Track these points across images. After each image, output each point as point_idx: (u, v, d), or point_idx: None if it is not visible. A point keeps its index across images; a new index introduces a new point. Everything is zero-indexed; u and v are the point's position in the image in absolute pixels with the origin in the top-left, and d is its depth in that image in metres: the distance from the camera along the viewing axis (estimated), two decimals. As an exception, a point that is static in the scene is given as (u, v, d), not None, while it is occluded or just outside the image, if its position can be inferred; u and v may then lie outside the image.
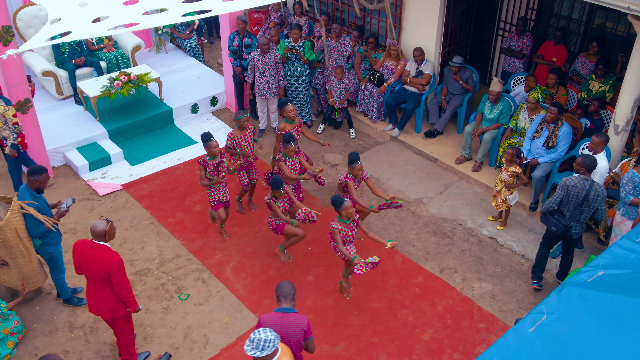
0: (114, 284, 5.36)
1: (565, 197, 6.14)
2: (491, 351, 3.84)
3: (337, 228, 6.14)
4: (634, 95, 6.95)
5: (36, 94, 10.01)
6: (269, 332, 4.22)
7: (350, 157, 6.73)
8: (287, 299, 4.77)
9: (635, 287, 4.02)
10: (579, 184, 6.08)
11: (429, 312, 6.64)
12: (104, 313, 5.57)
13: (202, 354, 6.19)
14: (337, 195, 6.18)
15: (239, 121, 7.33)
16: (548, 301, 4.10)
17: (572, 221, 6.31)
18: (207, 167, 6.94)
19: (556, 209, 6.28)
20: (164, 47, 11.59)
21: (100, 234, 5.30)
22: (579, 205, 6.17)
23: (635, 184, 6.26)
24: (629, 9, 5.87)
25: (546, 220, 6.40)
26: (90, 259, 5.34)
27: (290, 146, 6.95)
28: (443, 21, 8.95)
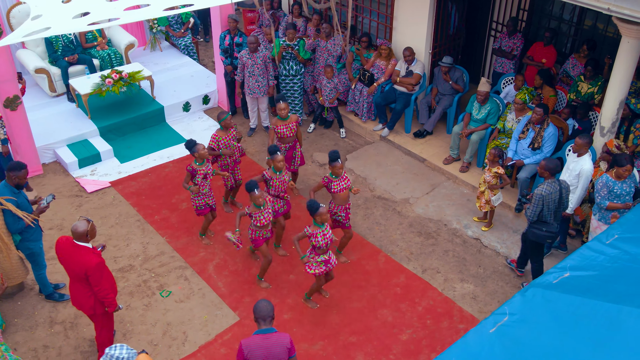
0: (92, 285, 5.42)
1: (544, 207, 6.16)
2: (450, 351, 3.85)
3: (306, 232, 6.13)
4: (619, 97, 6.92)
5: (29, 91, 10.12)
6: (124, 350, 4.31)
7: (330, 156, 6.73)
8: (267, 320, 4.72)
9: (598, 290, 4.02)
10: (552, 189, 6.13)
11: (409, 312, 6.64)
12: (85, 309, 5.64)
13: (180, 350, 6.22)
14: (312, 200, 6.17)
15: (223, 122, 7.34)
16: (512, 302, 4.12)
17: (557, 224, 6.40)
18: (197, 173, 6.92)
19: (539, 221, 6.30)
20: (158, 46, 11.64)
21: (82, 235, 5.36)
22: (557, 208, 6.24)
23: (609, 188, 6.23)
24: (609, 10, 5.85)
25: (536, 236, 6.40)
26: (71, 258, 5.40)
27: (277, 156, 6.84)
28: (433, 21, 8.94)
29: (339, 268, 7.14)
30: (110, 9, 5.93)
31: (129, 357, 4.33)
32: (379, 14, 9.62)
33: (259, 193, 6.31)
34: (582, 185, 6.52)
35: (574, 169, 6.53)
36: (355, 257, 7.35)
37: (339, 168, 6.73)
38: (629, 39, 6.50)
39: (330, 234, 6.23)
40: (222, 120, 7.37)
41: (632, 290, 3.94)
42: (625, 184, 6.19)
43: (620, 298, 3.81)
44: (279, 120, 7.61)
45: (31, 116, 9.41)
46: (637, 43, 6.51)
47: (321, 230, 6.16)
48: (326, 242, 6.22)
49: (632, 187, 6.30)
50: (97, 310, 5.62)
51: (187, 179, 6.97)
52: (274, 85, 9.22)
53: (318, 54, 9.47)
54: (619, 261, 4.37)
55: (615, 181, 6.20)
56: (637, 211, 5.01)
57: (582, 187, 6.53)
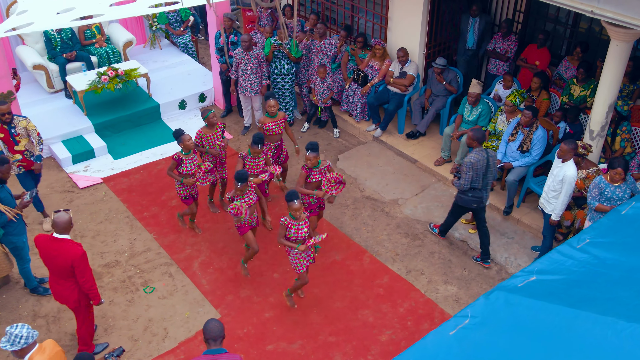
0: (78, 276, 5.47)
1: (474, 174, 6.67)
2: (408, 353, 3.85)
3: (283, 222, 6.13)
4: (608, 100, 6.86)
5: (28, 87, 10.28)
6: (24, 329, 4.44)
7: (306, 145, 6.74)
8: (217, 341, 4.62)
9: (560, 294, 4.00)
10: (479, 157, 6.66)
11: (390, 313, 6.63)
12: (69, 302, 5.71)
13: (160, 346, 6.27)
14: (292, 191, 6.17)
15: (207, 119, 7.38)
16: (474, 305, 4.10)
17: (484, 192, 6.86)
18: (182, 162, 6.98)
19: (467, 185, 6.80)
20: (158, 44, 11.72)
21: (66, 226, 5.42)
22: (484, 175, 6.76)
23: (601, 190, 6.17)
24: (593, 13, 5.80)
25: (464, 201, 6.92)
26: (53, 253, 5.45)
27: (256, 147, 6.95)
28: (427, 22, 8.91)
29: (323, 268, 7.16)
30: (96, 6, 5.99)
31: (29, 336, 4.46)
32: (374, 14, 9.61)
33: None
34: (566, 191, 6.45)
35: (558, 175, 6.48)
36: (340, 257, 7.36)
37: (311, 159, 6.70)
38: (617, 42, 6.44)
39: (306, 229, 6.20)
40: (205, 117, 7.40)
41: (594, 295, 3.91)
42: (619, 189, 6.08)
43: (580, 303, 3.78)
44: (267, 118, 7.63)
45: (28, 112, 9.55)
46: (626, 46, 6.44)
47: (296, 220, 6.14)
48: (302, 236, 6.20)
49: (626, 193, 6.14)
50: (82, 302, 5.70)
51: (172, 167, 7.03)
52: (267, 84, 9.24)
53: (312, 54, 9.48)
54: (587, 266, 4.33)
55: (608, 184, 6.14)
56: (612, 216, 4.96)
57: (566, 193, 6.47)
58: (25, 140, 7.09)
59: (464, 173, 6.65)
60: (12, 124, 6.97)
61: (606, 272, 4.22)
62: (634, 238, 4.60)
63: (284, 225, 6.16)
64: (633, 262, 4.29)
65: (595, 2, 5.71)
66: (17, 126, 6.99)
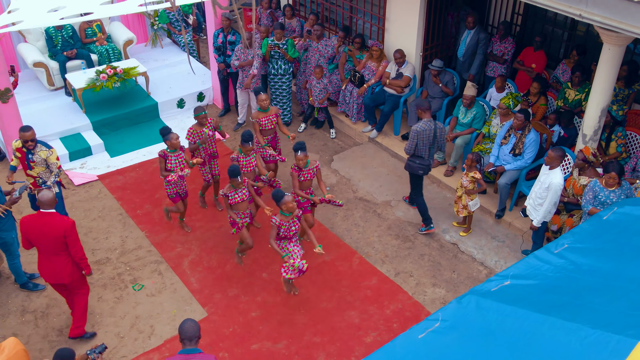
0: (70, 246, 5.72)
1: (419, 142, 7.09)
2: (376, 355, 3.86)
3: (276, 222, 6.17)
4: (600, 104, 6.81)
5: (28, 84, 10.38)
6: None
7: (293, 146, 6.77)
8: (192, 341, 4.62)
9: (532, 299, 3.98)
10: (426, 127, 7.04)
11: (376, 315, 6.63)
12: (64, 277, 5.89)
13: (146, 344, 6.31)
14: (277, 189, 6.22)
15: (197, 117, 7.42)
16: (446, 308, 4.11)
17: (430, 160, 7.29)
18: (168, 158, 7.05)
19: (415, 155, 7.24)
20: (159, 42, 11.79)
21: (52, 201, 5.65)
22: (431, 145, 7.14)
23: (595, 193, 6.13)
24: (581, 17, 5.76)
25: (411, 168, 7.36)
26: (44, 229, 5.64)
27: (247, 145, 6.99)
28: (424, 23, 8.89)
29: (311, 268, 7.16)
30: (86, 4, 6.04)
31: None
32: (372, 15, 9.60)
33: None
34: (550, 199, 6.40)
35: (544, 182, 6.43)
36: (330, 258, 7.36)
37: (299, 159, 6.73)
38: (609, 45, 6.39)
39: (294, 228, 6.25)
40: (196, 115, 7.45)
41: (565, 300, 3.89)
42: (614, 194, 6.03)
43: (550, 309, 3.76)
44: (260, 113, 7.66)
45: (28, 109, 9.68)
46: (618, 50, 6.39)
47: (287, 219, 6.19)
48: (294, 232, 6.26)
49: (620, 198, 6.10)
50: (75, 275, 5.92)
51: (162, 166, 7.11)
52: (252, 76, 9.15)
53: (310, 55, 9.50)
54: (562, 271, 4.31)
55: (602, 187, 6.09)
56: (593, 221, 4.94)
57: (550, 201, 6.41)
58: (40, 169, 6.90)
59: (409, 139, 7.16)
60: (32, 151, 6.77)
61: (581, 278, 4.20)
62: (613, 244, 4.57)
63: (275, 225, 6.20)
64: (609, 268, 4.26)
65: (584, 6, 5.67)
66: (36, 154, 6.75)
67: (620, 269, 4.20)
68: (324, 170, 8.90)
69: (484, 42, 8.89)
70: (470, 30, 8.91)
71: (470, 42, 8.90)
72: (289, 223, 6.22)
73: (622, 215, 4.88)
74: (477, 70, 9.06)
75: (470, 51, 8.95)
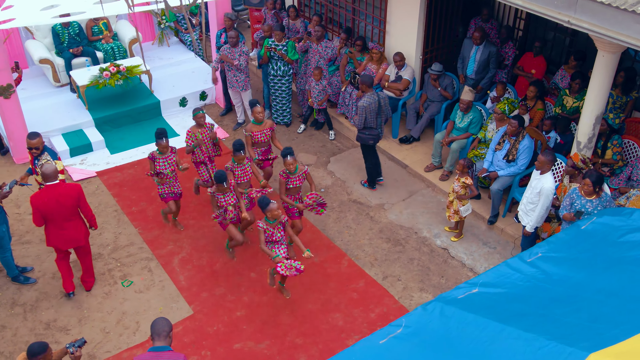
0: (83, 207, 6.30)
1: (367, 115, 7.66)
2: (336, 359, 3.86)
3: (262, 228, 6.22)
4: (595, 111, 6.73)
5: (35, 80, 10.57)
6: None
7: (282, 151, 6.80)
8: (161, 336, 4.63)
9: (495, 308, 3.96)
10: (371, 100, 7.63)
11: (360, 318, 6.62)
12: (81, 239, 6.43)
13: (130, 339, 6.38)
14: (263, 196, 6.26)
15: (195, 118, 7.48)
16: (411, 315, 4.11)
17: (379, 129, 7.86)
18: (156, 161, 7.13)
19: (365, 127, 7.79)
20: (166, 41, 11.91)
21: (55, 173, 6.03)
22: (378, 115, 7.74)
23: (572, 200, 6.06)
24: (569, 23, 5.69)
25: (362, 139, 7.93)
26: (60, 198, 6.06)
27: (239, 154, 7.00)
28: (423, 26, 8.86)
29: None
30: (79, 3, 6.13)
31: None
32: (374, 18, 9.59)
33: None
34: (542, 204, 6.34)
35: (536, 187, 6.38)
36: (319, 259, 7.37)
37: (288, 164, 6.76)
38: (603, 52, 6.32)
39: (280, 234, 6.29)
40: (194, 115, 7.51)
41: (528, 310, 3.86)
42: (590, 204, 5.89)
43: (511, 318, 3.74)
44: (254, 125, 7.69)
45: (33, 105, 9.86)
46: (612, 57, 6.31)
47: (271, 225, 6.23)
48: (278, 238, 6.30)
49: (597, 209, 5.93)
50: (87, 236, 6.52)
51: (151, 166, 7.18)
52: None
53: (310, 56, 9.52)
54: (532, 280, 4.28)
55: (580, 196, 6.00)
56: (570, 230, 4.89)
57: (542, 206, 6.36)
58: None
59: (359, 115, 7.72)
60: (38, 159, 6.71)
61: (550, 288, 4.16)
62: (587, 254, 4.52)
63: (262, 230, 6.24)
64: (580, 278, 4.22)
65: (572, 12, 5.61)
66: (41, 161, 6.68)
67: (590, 280, 4.15)
68: (319, 172, 8.92)
69: (496, 55, 8.60)
70: (479, 46, 8.60)
71: (481, 57, 8.57)
72: (273, 229, 6.25)
73: (600, 225, 4.82)
74: (488, 84, 8.79)
75: (481, 67, 8.63)
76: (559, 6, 5.70)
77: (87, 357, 6.16)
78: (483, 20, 9.19)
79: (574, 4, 5.54)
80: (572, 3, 5.56)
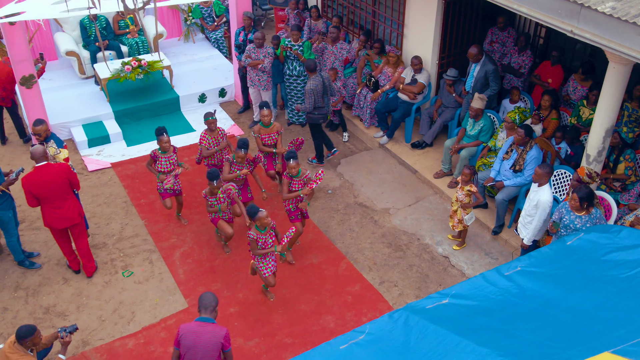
0: (74, 183, 6.53)
1: (315, 97, 8.10)
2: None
3: (254, 237, 6.25)
4: (605, 124, 6.53)
5: (63, 72, 10.89)
6: None
7: (285, 155, 6.84)
8: (208, 310, 5.01)
9: (459, 320, 3.91)
10: (316, 82, 8.10)
11: (352, 322, 6.60)
12: (75, 217, 6.59)
13: (124, 329, 6.52)
14: (252, 205, 6.30)
15: (206, 122, 7.57)
16: (375, 322, 4.10)
17: (326, 108, 8.33)
18: (158, 159, 7.24)
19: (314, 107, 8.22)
20: (192, 37, 12.10)
21: (44, 154, 6.24)
22: (324, 95, 8.24)
23: (561, 215, 5.90)
24: (572, 33, 5.55)
25: (312, 119, 8.37)
26: (48, 178, 6.25)
27: (240, 152, 7.09)
28: (440, 31, 8.76)
29: (297, 269, 7.22)
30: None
31: None
32: (392, 21, 9.53)
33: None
34: (539, 217, 6.19)
35: (533, 199, 6.24)
36: (317, 261, 7.39)
37: (291, 168, 6.81)
38: (614, 64, 6.12)
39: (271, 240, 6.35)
40: (205, 120, 7.61)
41: (491, 324, 3.79)
42: (579, 220, 5.70)
43: (470, 331, 3.68)
44: (262, 128, 7.76)
45: (58, 95, 10.18)
46: (624, 69, 6.11)
47: (262, 234, 6.27)
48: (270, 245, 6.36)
49: (585, 226, 5.71)
50: (81, 214, 6.71)
51: (149, 162, 7.33)
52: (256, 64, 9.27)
53: (325, 57, 9.53)
54: (505, 294, 4.20)
55: (569, 210, 5.84)
56: (555, 245, 4.77)
57: (539, 219, 6.21)
58: None
59: (306, 99, 8.13)
60: (46, 145, 6.82)
61: (520, 303, 4.08)
62: (567, 270, 4.41)
63: (254, 239, 6.29)
64: (553, 295, 4.12)
65: (575, 22, 5.46)
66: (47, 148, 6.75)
67: (562, 298, 4.05)
68: (329, 173, 8.92)
69: (494, 74, 8.17)
70: (476, 63, 8.31)
71: (478, 75, 8.23)
72: (265, 237, 6.29)
73: (586, 242, 4.69)
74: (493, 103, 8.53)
75: (479, 84, 8.25)
76: (562, 15, 5.57)
77: (80, 343, 6.33)
78: (499, 29, 9.04)
79: (577, 14, 5.40)
80: (575, 12, 5.42)
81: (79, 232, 6.74)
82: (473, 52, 8.20)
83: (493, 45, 9.21)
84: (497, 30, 9.07)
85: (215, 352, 4.92)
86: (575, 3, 5.34)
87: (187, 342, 4.91)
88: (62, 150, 6.86)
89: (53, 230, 6.63)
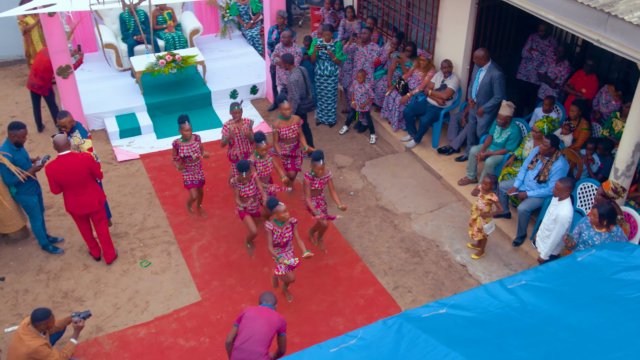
0: (95, 172, 6.65)
1: (299, 90, 8.40)
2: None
3: (270, 229, 6.28)
4: (635, 138, 6.29)
5: (102, 64, 11.15)
6: None
7: (313, 155, 6.83)
8: (269, 302, 5.51)
9: (452, 331, 3.85)
10: (297, 75, 8.39)
11: (362, 325, 6.45)
12: (95, 204, 6.75)
13: (137, 317, 6.65)
14: (272, 197, 6.32)
15: (231, 112, 7.64)
16: (369, 327, 4.06)
17: (310, 97, 8.62)
18: (180, 148, 7.35)
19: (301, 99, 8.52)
20: (228, 34, 12.24)
21: (67, 142, 6.41)
22: (305, 86, 8.49)
23: (581, 230, 5.73)
24: (599, 42, 5.36)
25: (304, 110, 8.59)
26: (72, 167, 6.44)
27: (261, 145, 7.13)
28: (472, 36, 8.61)
29: (313, 269, 7.22)
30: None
31: None
32: (425, 24, 9.42)
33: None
34: (557, 232, 6.01)
35: (552, 214, 6.07)
36: (333, 262, 7.37)
37: (319, 168, 6.82)
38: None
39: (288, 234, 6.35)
40: (230, 109, 7.68)
41: (484, 337, 3.71)
42: (599, 236, 5.54)
43: (461, 343, 3.60)
44: (282, 121, 7.77)
45: (95, 86, 10.46)
46: (656, 81, 5.90)
47: (279, 227, 6.29)
48: (287, 240, 6.37)
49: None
50: (102, 201, 6.85)
51: (174, 153, 7.42)
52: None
53: (355, 59, 9.50)
54: (505, 308, 4.10)
55: (589, 226, 5.67)
56: (564, 261, 4.63)
57: (558, 234, 6.03)
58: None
59: (292, 91, 8.40)
60: (70, 136, 6.99)
61: (519, 318, 3.97)
62: (572, 287, 4.27)
63: (269, 231, 6.32)
64: (554, 312, 4.00)
65: (602, 31, 5.28)
66: (72, 138, 6.97)
67: (563, 315, 3.92)
68: (352, 175, 8.89)
69: (499, 81, 7.93)
70: (481, 68, 8.09)
71: (483, 80, 8.02)
72: (281, 230, 6.31)
73: (597, 259, 4.54)
74: (490, 109, 8.17)
75: (483, 90, 8.04)
76: (589, 23, 5.39)
77: (95, 328, 6.48)
78: (541, 37, 8.81)
79: (604, 22, 5.22)
80: (602, 21, 5.24)
81: (99, 219, 6.89)
82: (479, 54, 7.95)
83: (532, 52, 8.99)
84: (537, 37, 8.85)
85: (272, 331, 5.25)
86: (602, 12, 5.17)
87: (250, 314, 5.28)
88: (86, 140, 7.04)
89: (74, 215, 6.81)
